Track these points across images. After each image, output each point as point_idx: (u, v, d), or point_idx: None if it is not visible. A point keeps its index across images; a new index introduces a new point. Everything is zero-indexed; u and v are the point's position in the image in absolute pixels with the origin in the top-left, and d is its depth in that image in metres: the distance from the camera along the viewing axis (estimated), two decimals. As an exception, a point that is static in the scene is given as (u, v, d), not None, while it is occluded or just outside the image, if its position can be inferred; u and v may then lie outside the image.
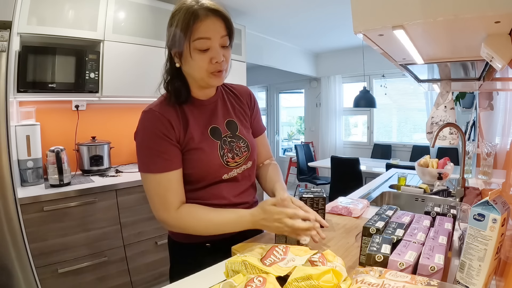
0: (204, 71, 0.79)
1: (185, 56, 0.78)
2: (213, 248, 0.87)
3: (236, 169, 0.89)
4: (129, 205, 1.94)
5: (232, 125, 0.91)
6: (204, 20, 0.75)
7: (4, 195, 1.38)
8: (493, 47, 0.69)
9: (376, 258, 0.63)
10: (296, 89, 5.82)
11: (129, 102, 2.51)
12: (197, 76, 0.81)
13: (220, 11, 0.78)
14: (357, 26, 0.75)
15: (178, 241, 0.90)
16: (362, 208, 1.20)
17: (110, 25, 2.05)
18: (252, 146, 0.93)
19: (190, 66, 0.79)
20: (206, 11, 0.75)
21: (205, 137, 0.85)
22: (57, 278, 1.66)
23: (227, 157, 0.86)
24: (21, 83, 1.74)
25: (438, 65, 1.22)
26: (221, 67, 0.80)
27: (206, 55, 0.77)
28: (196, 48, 0.76)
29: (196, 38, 0.75)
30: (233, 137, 0.89)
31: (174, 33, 0.76)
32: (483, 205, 0.57)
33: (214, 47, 0.77)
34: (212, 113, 0.89)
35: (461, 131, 1.34)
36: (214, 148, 0.85)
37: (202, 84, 0.85)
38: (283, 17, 3.20)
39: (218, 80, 0.82)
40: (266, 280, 0.55)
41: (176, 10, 0.77)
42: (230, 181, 0.88)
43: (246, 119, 0.97)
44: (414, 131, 4.50)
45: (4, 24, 1.38)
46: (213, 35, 0.76)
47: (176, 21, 0.76)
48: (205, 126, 0.86)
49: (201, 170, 0.83)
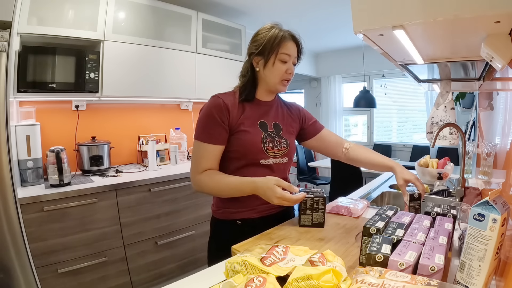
0: (279, 77, 1.04)
1: (269, 64, 1.03)
2: (242, 225, 1.05)
3: (273, 158, 1.07)
4: (129, 205, 1.94)
5: (277, 127, 1.11)
6: (289, 42, 1.03)
7: (4, 195, 1.38)
8: (493, 47, 0.69)
9: (376, 258, 0.63)
10: (296, 89, 5.81)
11: (129, 102, 2.51)
12: (272, 81, 1.05)
13: (298, 39, 1.07)
14: (357, 26, 0.75)
15: (218, 218, 1.10)
16: (362, 208, 1.20)
17: (110, 25, 2.05)
18: (291, 145, 1.12)
19: (271, 71, 1.03)
20: (290, 36, 1.04)
21: (254, 126, 1.05)
22: (57, 278, 1.66)
23: (267, 145, 1.05)
24: (21, 83, 1.74)
25: (438, 65, 1.22)
26: (290, 77, 1.06)
27: (284, 66, 1.03)
28: (279, 59, 1.02)
29: (282, 52, 1.02)
30: (276, 135, 1.09)
31: (264, 45, 1.01)
32: (483, 205, 0.57)
33: (290, 62, 1.04)
34: (265, 112, 1.10)
35: (461, 131, 1.34)
36: (259, 135, 1.05)
37: (271, 88, 1.08)
38: (283, 17, 3.20)
39: (284, 88, 1.08)
40: (266, 280, 0.55)
41: (266, 31, 1.03)
42: (266, 167, 1.06)
43: (292, 127, 1.17)
44: (414, 131, 4.50)
45: (4, 24, 1.38)
46: (292, 54, 1.04)
47: (267, 38, 1.01)
48: (257, 119, 1.07)
49: (244, 148, 1.02)
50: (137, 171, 2.23)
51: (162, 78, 2.38)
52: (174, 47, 2.42)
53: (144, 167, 2.37)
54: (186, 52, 2.51)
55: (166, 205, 2.11)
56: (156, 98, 2.57)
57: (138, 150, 2.54)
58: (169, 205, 2.12)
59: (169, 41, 2.39)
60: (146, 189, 2.01)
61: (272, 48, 1.01)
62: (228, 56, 2.83)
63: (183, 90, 2.53)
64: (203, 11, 2.63)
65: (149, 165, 2.26)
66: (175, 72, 2.45)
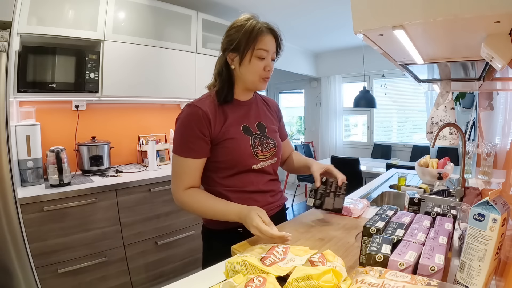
0: (258, 75, 0.96)
1: (245, 61, 0.94)
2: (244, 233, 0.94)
3: (264, 161, 1.02)
4: (129, 205, 1.94)
5: (261, 126, 1.06)
6: (266, 36, 0.94)
7: (4, 195, 1.38)
8: (493, 47, 0.69)
9: (376, 258, 0.63)
10: (296, 89, 5.81)
11: (129, 102, 2.51)
12: (250, 79, 0.97)
13: (276, 32, 0.97)
14: (357, 26, 0.75)
15: (212, 228, 1.03)
16: (362, 208, 1.20)
17: (110, 25, 2.05)
18: (278, 144, 1.08)
19: (247, 69, 0.95)
20: (268, 29, 0.95)
21: (239, 131, 0.99)
22: (57, 278, 1.66)
23: (257, 149, 1.00)
24: (21, 83, 1.74)
25: (438, 65, 1.22)
26: (269, 74, 0.98)
27: (262, 63, 0.95)
28: (256, 56, 0.93)
29: (258, 48, 0.93)
30: (262, 136, 1.04)
31: (239, 40, 0.92)
32: (483, 205, 0.57)
33: (268, 58, 0.96)
34: (246, 113, 1.03)
35: (461, 131, 1.34)
36: (247, 140, 0.99)
37: (250, 87, 1.00)
38: (283, 17, 3.20)
39: (264, 85, 1.00)
40: (266, 280, 0.55)
41: (240, 24, 0.94)
42: (258, 171, 1.01)
43: (275, 124, 1.13)
44: (414, 131, 4.50)
45: (4, 24, 1.38)
46: (270, 49, 0.95)
47: (242, 32, 0.92)
48: (239, 124, 1.00)
49: (233, 157, 0.96)
50: (137, 171, 2.23)
51: (162, 78, 2.38)
52: (174, 47, 2.42)
53: (144, 167, 2.37)
54: (186, 52, 2.51)
55: (166, 205, 2.11)
56: (156, 98, 2.57)
57: (138, 150, 2.54)
58: (169, 205, 2.12)
59: (169, 41, 2.39)
60: (146, 189, 2.01)
61: (247, 44, 0.91)
62: (228, 56, 2.83)
63: (183, 90, 2.53)
64: (203, 11, 2.63)
65: (149, 165, 2.26)
66: (175, 72, 2.45)
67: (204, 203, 0.93)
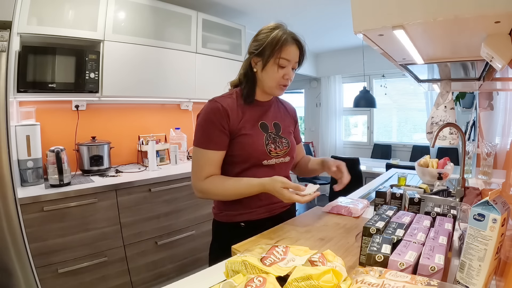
0: (276, 82, 1.01)
1: (266, 67, 1.00)
2: (246, 227, 1.04)
3: (275, 159, 1.07)
4: (129, 205, 1.94)
5: (277, 126, 1.11)
6: (291, 46, 0.99)
7: (4, 195, 1.38)
8: (493, 47, 0.69)
9: (376, 258, 0.63)
10: (296, 89, 5.81)
11: (129, 102, 2.51)
12: (268, 84, 1.03)
13: (301, 42, 1.02)
14: (357, 26, 0.75)
15: (220, 221, 1.09)
16: (362, 208, 1.20)
17: (110, 25, 2.05)
18: (292, 144, 1.13)
19: (268, 75, 1.01)
20: (293, 40, 1.00)
21: (255, 128, 1.04)
22: (57, 278, 1.66)
23: (270, 146, 1.05)
24: (21, 83, 1.74)
25: (438, 65, 1.22)
26: (287, 83, 1.04)
27: (281, 71, 1.00)
28: (277, 64, 0.99)
29: (281, 57, 0.98)
30: (276, 135, 1.09)
31: (264, 47, 0.98)
32: (483, 205, 0.57)
33: (289, 67, 1.01)
34: (264, 112, 1.09)
35: (461, 131, 1.34)
36: (261, 137, 1.04)
37: (267, 91, 1.06)
38: (283, 17, 3.18)
39: (281, 92, 1.06)
40: (266, 280, 0.55)
41: (268, 31, 1.00)
42: (268, 167, 1.06)
43: (290, 126, 1.18)
44: (414, 131, 4.50)
45: (4, 24, 1.38)
46: (292, 59, 1.00)
47: (269, 39, 0.97)
48: (257, 121, 1.06)
49: (247, 152, 1.01)
50: (137, 171, 2.23)
51: (162, 78, 2.38)
52: (174, 47, 2.42)
53: (144, 167, 2.37)
54: (186, 52, 2.51)
55: (166, 205, 2.11)
56: (156, 98, 2.57)
57: (138, 150, 2.54)
58: (169, 205, 2.12)
59: (169, 41, 2.39)
60: (146, 189, 2.01)
61: (272, 52, 0.97)
62: (228, 56, 2.83)
63: (183, 90, 2.53)
64: (203, 11, 2.63)
65: (149, 165, 2.26)
66: (175, 72, 2.45)
67: (225, 182, 0.99)
